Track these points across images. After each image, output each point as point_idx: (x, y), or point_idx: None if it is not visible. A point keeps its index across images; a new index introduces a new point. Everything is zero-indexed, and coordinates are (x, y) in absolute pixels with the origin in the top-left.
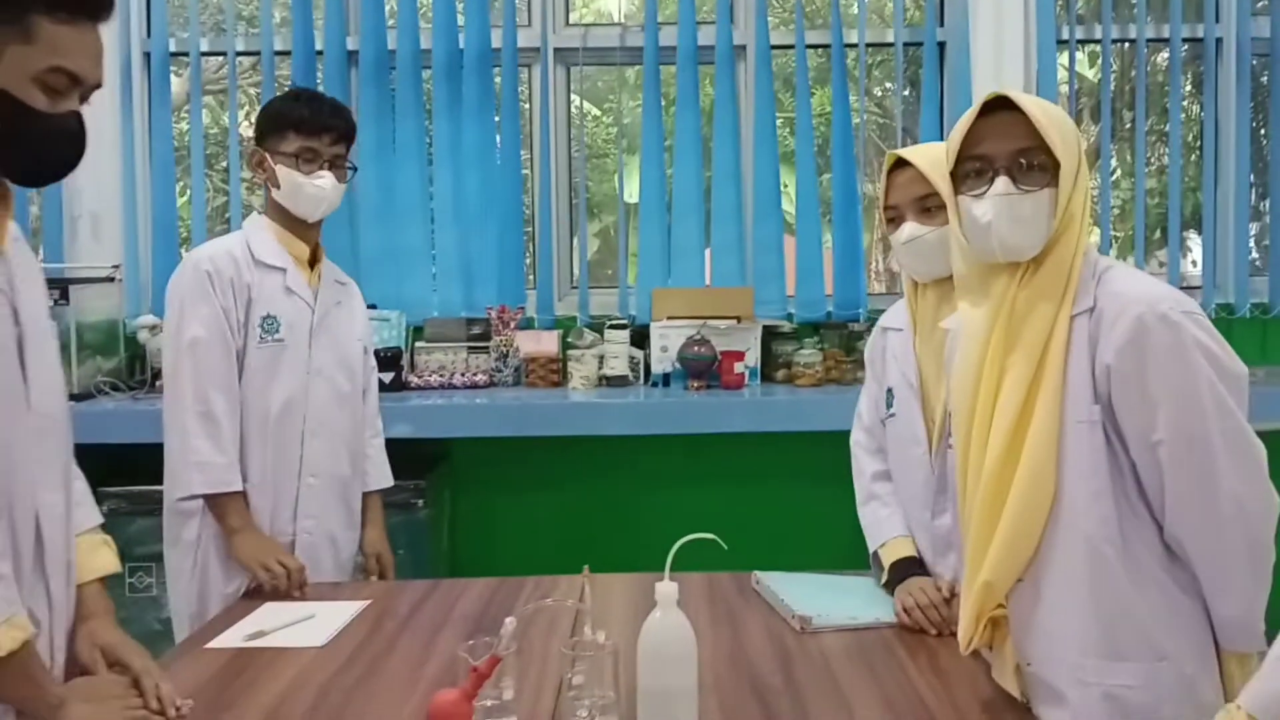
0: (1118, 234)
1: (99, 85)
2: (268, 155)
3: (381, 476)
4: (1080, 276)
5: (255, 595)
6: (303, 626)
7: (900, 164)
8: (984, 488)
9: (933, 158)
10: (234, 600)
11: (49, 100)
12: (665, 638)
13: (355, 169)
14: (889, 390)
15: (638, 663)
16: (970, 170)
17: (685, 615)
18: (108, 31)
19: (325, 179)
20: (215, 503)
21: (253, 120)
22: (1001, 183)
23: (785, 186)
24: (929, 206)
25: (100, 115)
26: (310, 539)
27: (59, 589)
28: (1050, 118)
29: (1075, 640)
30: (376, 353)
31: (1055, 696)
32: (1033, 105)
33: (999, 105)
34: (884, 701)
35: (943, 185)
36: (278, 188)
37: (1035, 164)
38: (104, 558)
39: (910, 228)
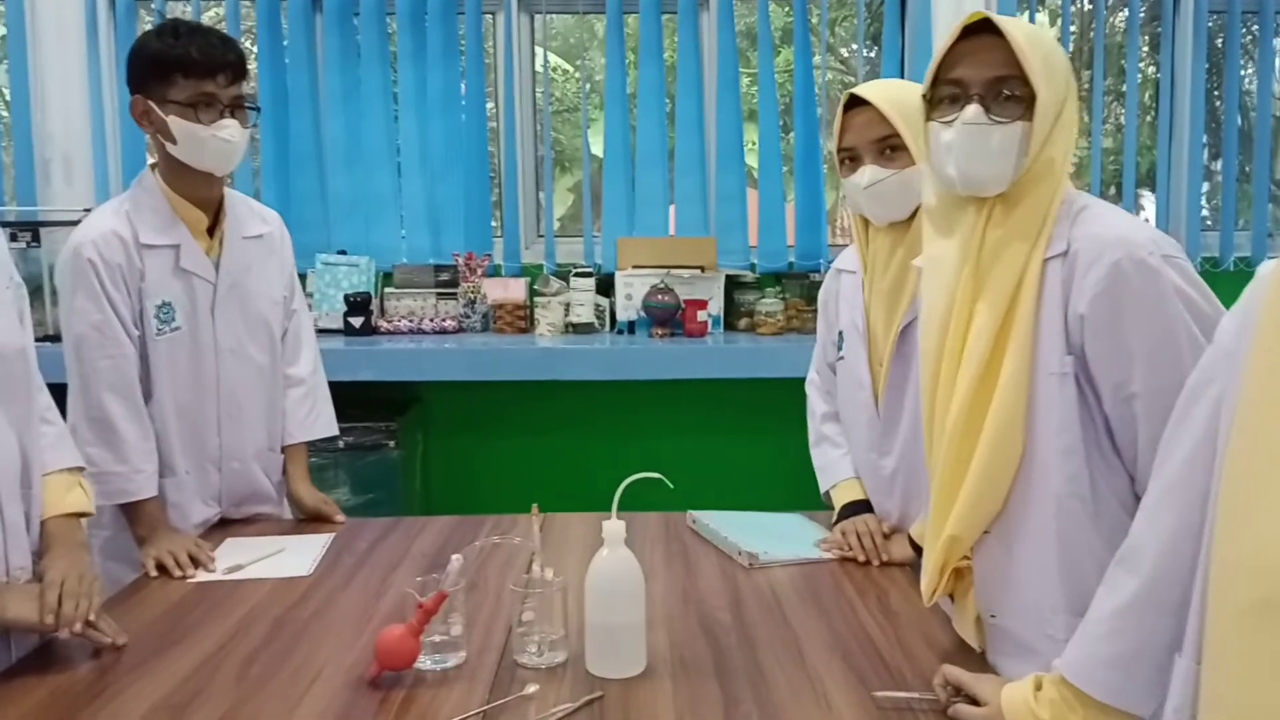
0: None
1: None
2: (153, 105)
3: (304, 428)
4: (1055, 218)
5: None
6: (280, 558)
7: (857, 103)
8: (950, 439)
9: (891, 95)
10: None
11: None
12: (612, 574)
13: (259, 109)
14: (840, 333)
15: (585, 599)
16: (944, 95)
17: (634, 553)
18: None
19: (230, 127)
20: (121, 510)
21: None
22: (972, 110)
23: (750, 143)
24: (887, 148)
25: (68, 57)
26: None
27: (12, 514)
28: (1036, 46)
29: (1044, 595)
30: (347, 297)
31: (1020, 649)
32: (1017, 31)
33: (983, 28)
34: (832, 638)
35: (901, 124)
36: (173, 142)
37: (1011, 94)
38: (74, 496)
39: (871, 171)
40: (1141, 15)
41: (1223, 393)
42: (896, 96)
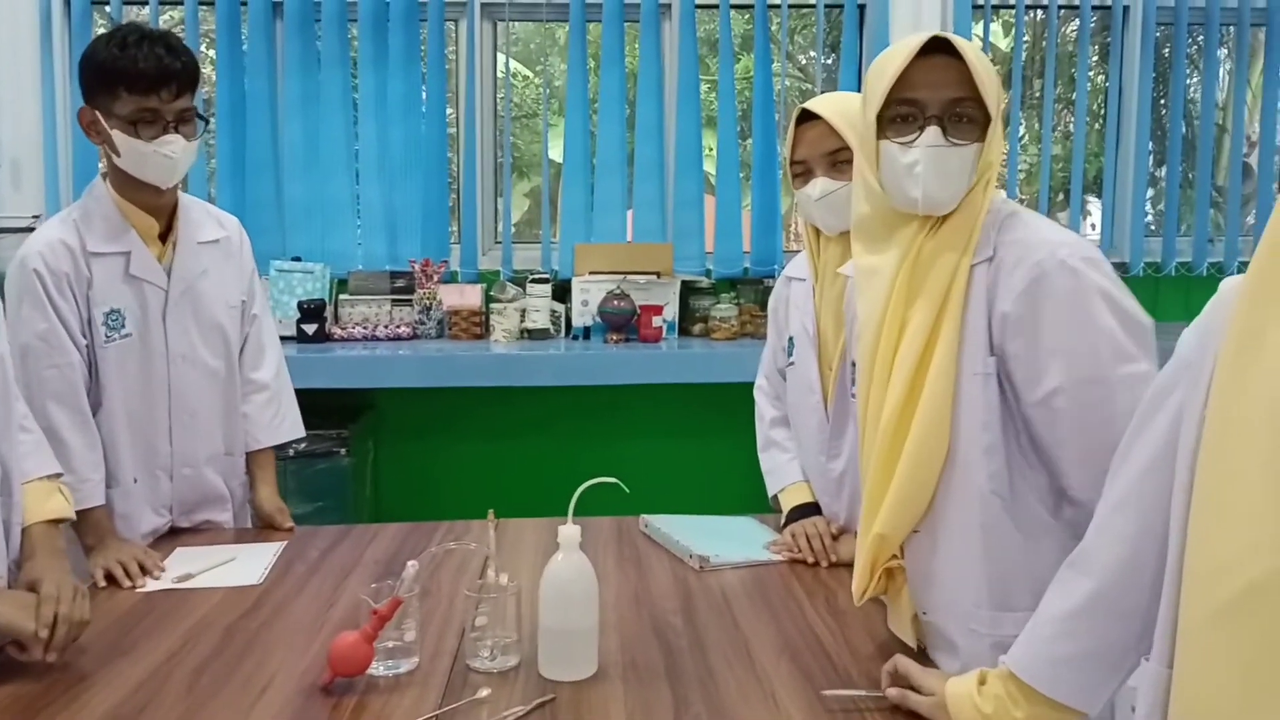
0: (1024, 196)
1: None
2: (100, 116)
3: (269, 432)
4: (983, 225)
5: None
6: (230, 567)
7: (808, 116)
8: (881, 438)
9: (842, 109)
10: None
11: None
12: (566, 579)
13: (207, 120)
14: (790, 339)
15: (539, 604)
16: (898, 114)
17: (588, 557)
18: None
19: (173, 143)
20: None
21: None
22: (932, 133)
23: (709, 149)
24: (840, 160)
25: (20, 63)
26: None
27: None
28: (987, 69)
29: (969, 591)
30: (301, 304)
31: (950, 645)
32: (972, 54)
33: (934, 48)
34: (781, 639)
35: (852, 137)
36: (117, 154)
37: (968, 116)
38: (54, 503)
39: (822, 183)
40: (1092, 25)
41: (1183, 403)
42: (847, 110)
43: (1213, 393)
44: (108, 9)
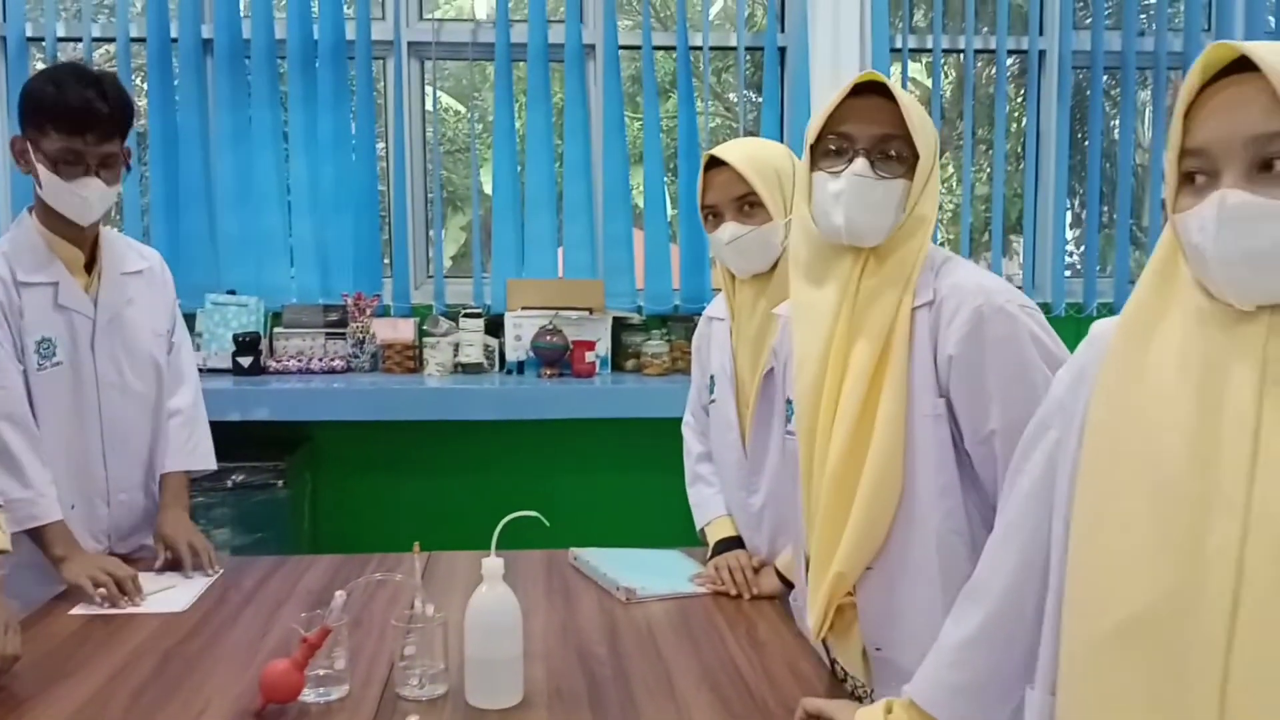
0: (949, 236)
1: None
2: (30, 147)
3: (178, 457)
4: (920, 270)
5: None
6: (161, 595)
7: (716, 163)
8: (830, 478)
9: (749, 154)
10: None
11: None
12: (490, 610)
13: (129, 167)
14: (711, 377)
15: (465, 634)
16: (830, 147)
17: (515, 589)
18: None
19: (90, 186)
20: (33, 536)
21: None
22: (860, 164)
23: (636, 185)
24: (748, 204)
25: None
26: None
27: None
28: (918, 111)
29: (927, 627)
30: (236, 337)
31: (905, 679)
32: (905, 96)
33: (868, 89)
34: (702, 669)
35: (759, 183)
36: (40, 187)
37: (895, 153)
38: None
39: (732, 228)
40: (1011, 67)
41: (1058, 441)
42: (754, 155)
43: (1087, 432)
44: (43, 43)
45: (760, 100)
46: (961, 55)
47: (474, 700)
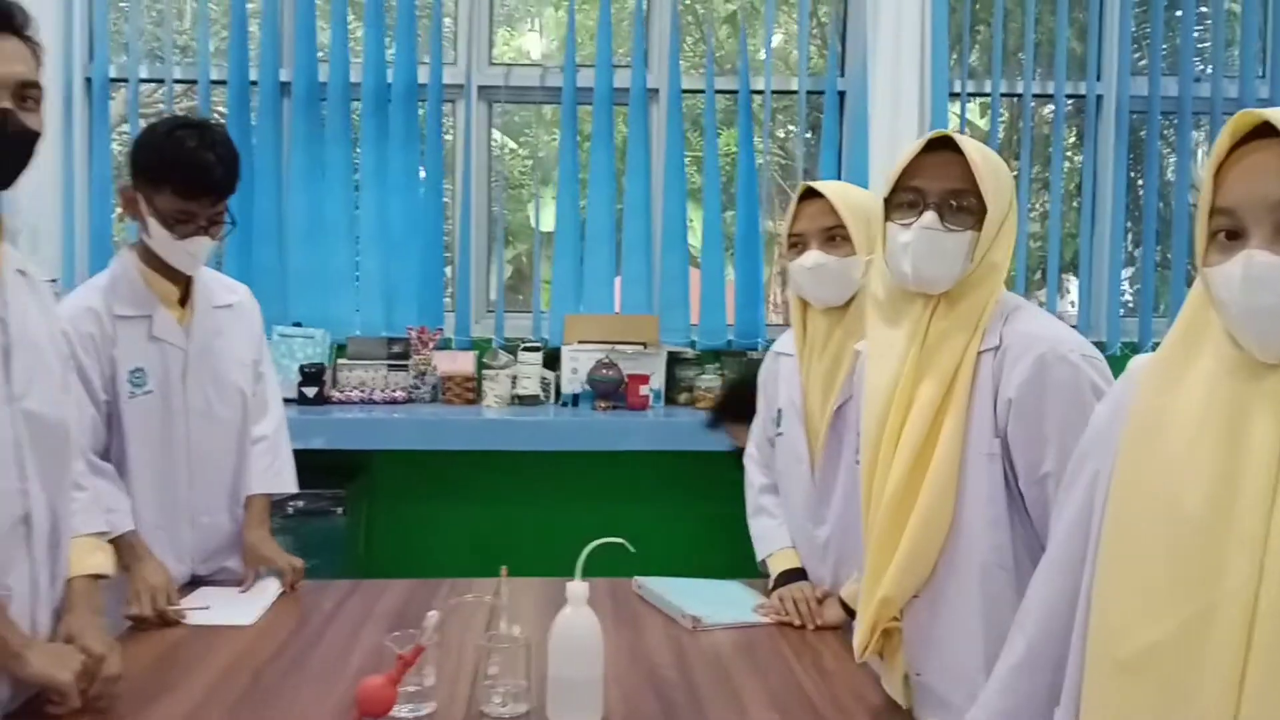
0: None
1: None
2: (141, 199)
3: (262, 480)
4: (991, 316)
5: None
6: (228, 608)
7: (810, 194)
8: (886, 508)
9: (842, 191)
10: None
11: None
12: (575, 632)
13: (235, 223)
14: (779, 411)
15: (548, 654)
16: (904, 200)
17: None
18: (52, 58)
19: (200, 244)
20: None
21: None
22: (929, 217)
23: (691, 221)
24: (833, 236)
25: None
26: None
27: (42, 575)
28: (989, 165)
29: (967, 655)
30: (302, 368)
31: (943, 706)
32: (974, 150)
33: (942, 144)
34: (770, 695)
35: (848, 217)
36: (149, 236)
37: (964, 205)
38: (96, 559)
39: (815, 255)
40: (1068, 109)
41: (1096, 472)
42: (846, 192)
43: (1116, 465)
44: (125, 87)
45: (811, 140)
46: (1017, 99)
47: (555, 718)
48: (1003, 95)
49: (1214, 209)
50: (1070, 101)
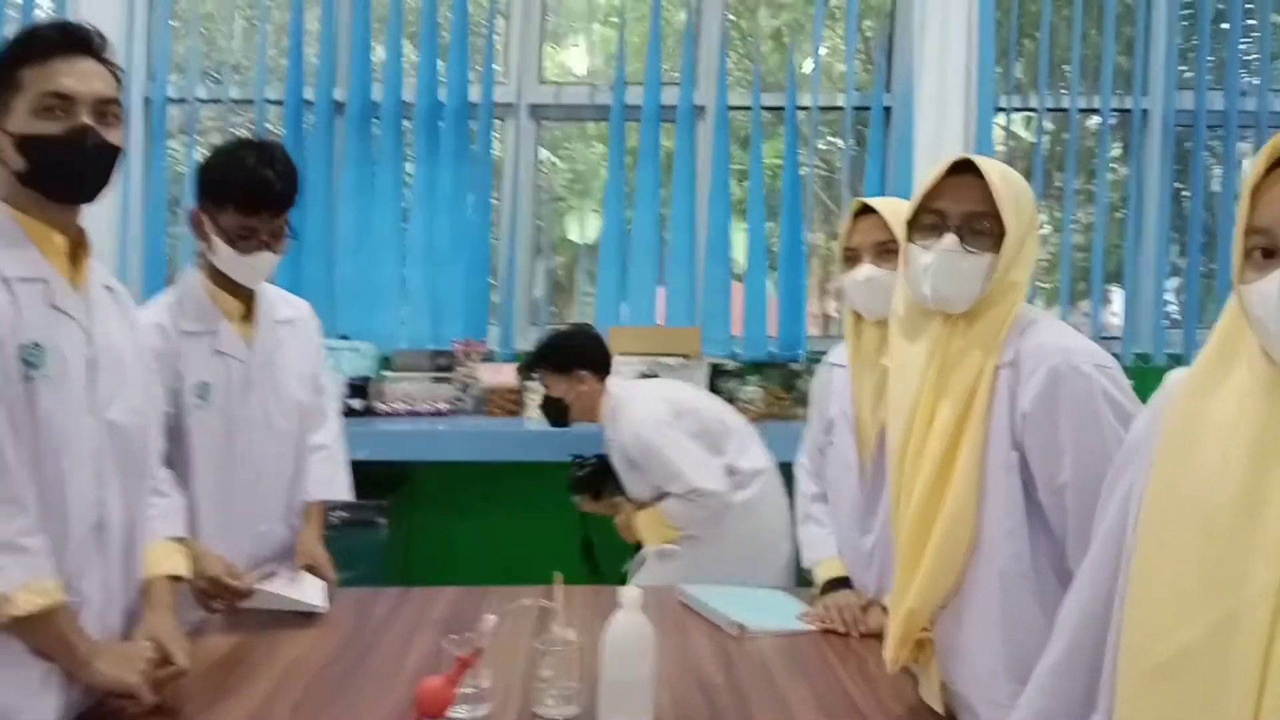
0: (1045, 285)
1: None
2: (206, 219)
3: (321, 487)
4: (1007, 331)
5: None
6: (300, 586)
7: (865, 210)
8: (910, 522)
9: (895, 209)
10: None
11: (55, 123)
12: (628, 635)
13: (295, 235)
14: (830, 420)
15: (601, 657)
16: (925, 222)
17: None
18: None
19: (262, 258)
20: None
21: None
22: (949, 239)
23: (734, 234)
24: (887, 251)
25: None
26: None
27: (115, 579)
28: (1009, 188)
29: (990, 664)
30: (348, 380)
31: (974, 714)
32: (995, 174)
33: (964, 167)
34: (817, 700)
35: (900, 233)
36: (214, 254)
37: (984, 228)
38: (174, 560)
39: (868, 269)
40: (1113, 122)
41: (1132, 483)
42: (898, 210)
43: (1150, 475)
44: (185, 105)
45: (856, 154)
46: (1063, 113)
47: (607, 719)
48: (1048, 110)
49: (1249, 228)
50: (1115, 116)
